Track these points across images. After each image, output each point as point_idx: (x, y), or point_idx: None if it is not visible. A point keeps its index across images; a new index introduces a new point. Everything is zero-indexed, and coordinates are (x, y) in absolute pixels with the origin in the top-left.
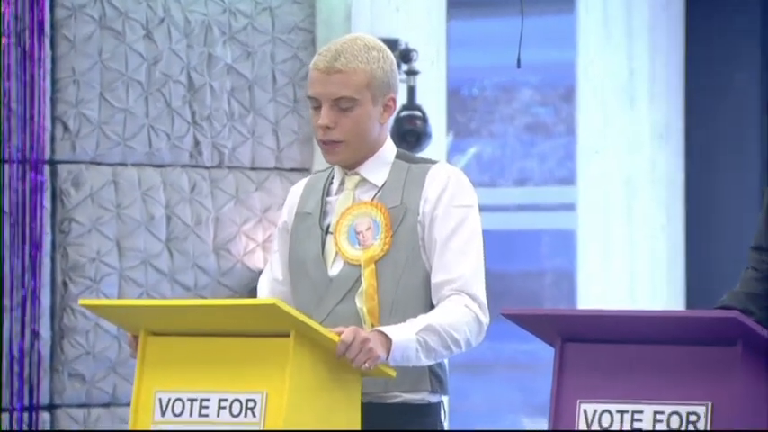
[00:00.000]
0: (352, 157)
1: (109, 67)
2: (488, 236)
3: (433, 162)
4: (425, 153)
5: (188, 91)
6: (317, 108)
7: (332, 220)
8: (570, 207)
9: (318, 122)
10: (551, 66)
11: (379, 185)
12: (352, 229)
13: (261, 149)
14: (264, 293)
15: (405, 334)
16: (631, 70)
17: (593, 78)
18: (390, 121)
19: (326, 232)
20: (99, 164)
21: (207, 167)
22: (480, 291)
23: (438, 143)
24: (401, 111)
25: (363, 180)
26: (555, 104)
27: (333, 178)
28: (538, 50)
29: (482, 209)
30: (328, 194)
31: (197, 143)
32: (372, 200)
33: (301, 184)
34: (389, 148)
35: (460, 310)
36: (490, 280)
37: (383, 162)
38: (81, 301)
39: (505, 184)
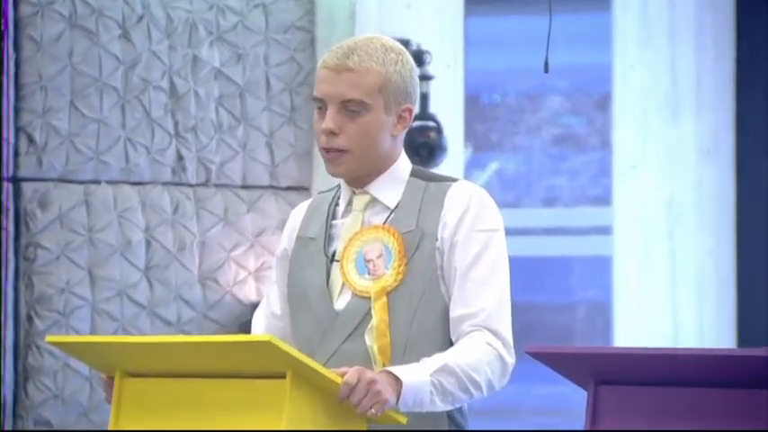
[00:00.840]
0: (357, 169)
1: (80, 71)
2: (512, 263)
3: (454, 180)
4: (440, 168)
5: (170, 98)
6: (322, 111)
7: (338, 246)
8: (605, 230)
9: (322, 126)
10: (584, 70)
11: (392, 207)
12: (362, 257)
13: (253, 165)
14: (260, 330)
15: (417, 375)
16: (675, 75)
17: (631, 84)
18: (403, 135)
19: (332, 260)
20: (69, 181)
21: (191, 185)
22: (505, 326)
23: (454, 157)
24: (412, 121)
25: (374, 200)
26: (588, 114)
27: (339, 199)
28: (568, 52)
29: (505, 232)
30: (334, 217)
31: (180, 158)
32: (384, 223)
33: (303, 206)
34: (404, 165)
35: (482, 348)
36: (514, 313)
37: (396, 180)
38: (48, 338)
39: (531, 205)
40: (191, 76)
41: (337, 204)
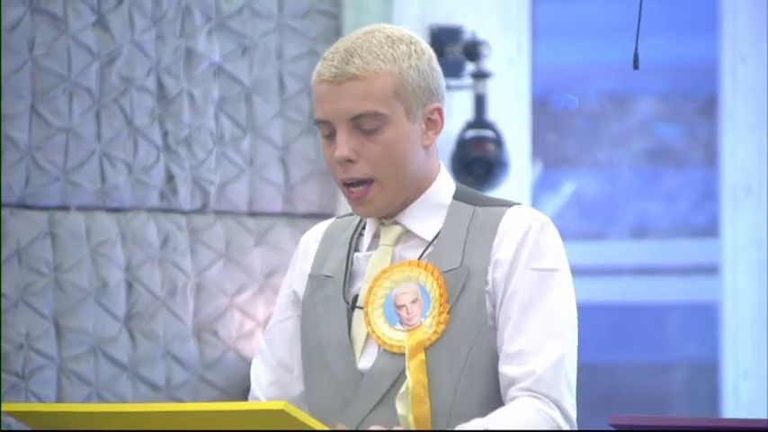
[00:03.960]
0: (391, 201)
1: (44, 67)
2: (594, 311)
3: (509, 204)
4: (500, 190)
5: (157, 102)
6: (330, 136)
7: (362, 287)
8: (712, 269)
9: (335, 155)
10: (683, 65)
11: (429, 239)
12: (391, 302)
13: (262, 186)
14: (263, 387)
15: None
16: None
17: (744, 84)
18: (437, 144)
19: (353, 306)
20: (29, 207)
21: (184, 212)
22: (567, 395)
23: (519, 177)
24: (465, 130)
25: (407, 232)
26: (689, 121)
27: (363, 228)
28: (664, 43)
29: (584, 272)
30: (357, 249)
31: (170, 178)
32: (420, 259)
33: (317, 233)
34: (444, 185)
35: (527, 413)
36: (595, 375)
37: (435, 206)
38: (4, 407)
39: (618, 237)
40: (183, 74)
41: (361, 234)
